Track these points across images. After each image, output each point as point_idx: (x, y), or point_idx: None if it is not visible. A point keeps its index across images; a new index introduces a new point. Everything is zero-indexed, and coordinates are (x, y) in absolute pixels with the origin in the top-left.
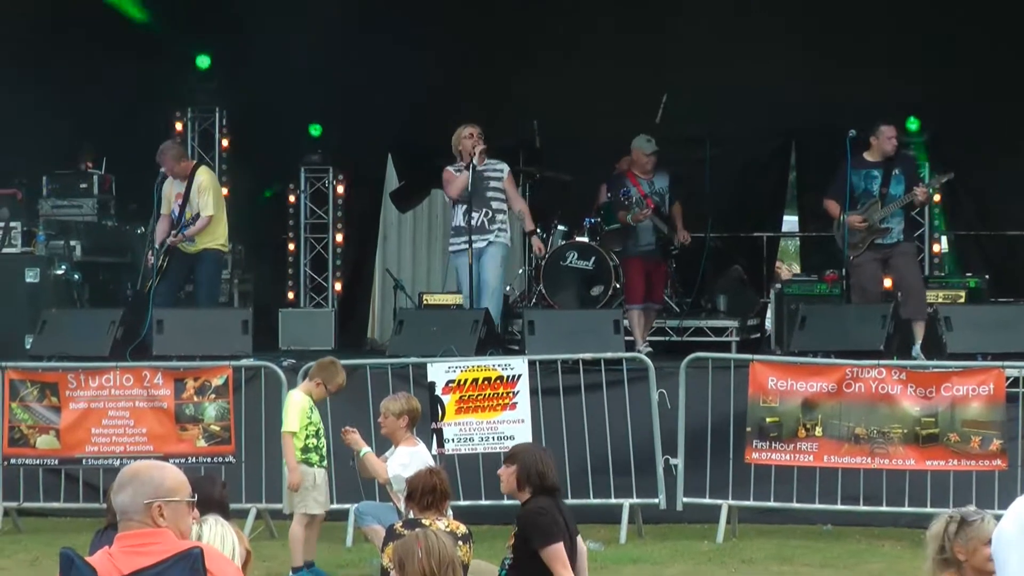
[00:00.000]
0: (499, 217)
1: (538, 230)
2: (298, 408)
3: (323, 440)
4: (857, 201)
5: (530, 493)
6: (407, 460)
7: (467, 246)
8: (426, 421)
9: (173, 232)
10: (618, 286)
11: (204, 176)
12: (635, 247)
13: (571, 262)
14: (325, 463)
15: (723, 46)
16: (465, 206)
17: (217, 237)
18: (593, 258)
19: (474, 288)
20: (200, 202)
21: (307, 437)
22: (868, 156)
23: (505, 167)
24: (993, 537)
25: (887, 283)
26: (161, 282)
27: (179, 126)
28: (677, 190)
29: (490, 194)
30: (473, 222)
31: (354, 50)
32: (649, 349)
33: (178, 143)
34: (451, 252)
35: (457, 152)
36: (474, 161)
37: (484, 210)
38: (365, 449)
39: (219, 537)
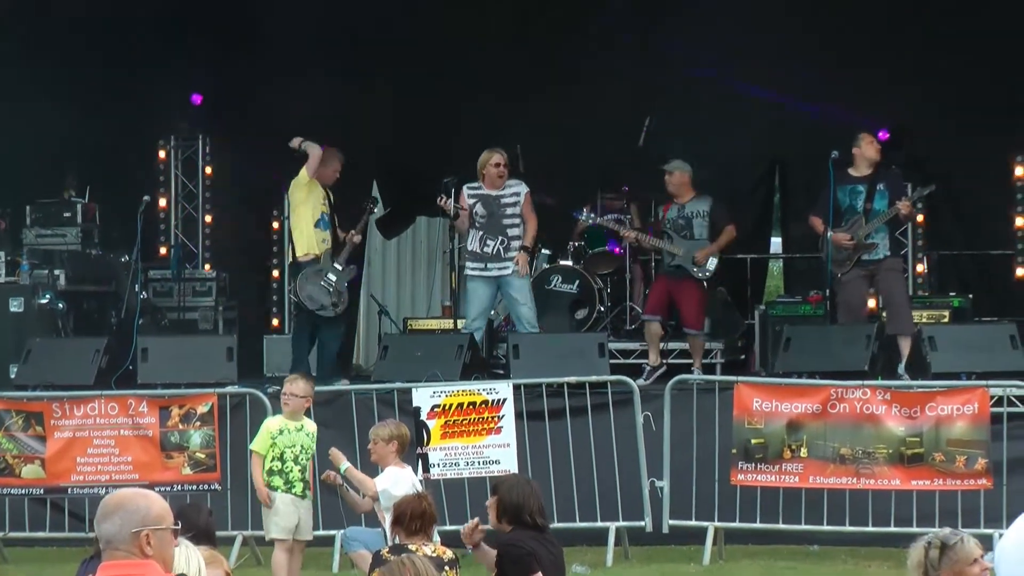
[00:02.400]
0: (515, 244)
1: (531, 250)
2: (264, 429)
3: (290, 465)
4: (842, 217)
5: (508, 525)
6: (393, 479)
7: (483, 272)
8: (411, 446)
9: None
10: (602, 309)
11: None
12: (662, 266)
13: (555, 286)
14: (295, 490)
15: (706, 69)
16: (481, 232)
17: None
18: (577, 281)
19: (490, 315)
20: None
21: (271, 460)
22: (852, 171)
23: (523, 189)
24: (995, 556)
25: (871, 303)
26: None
27: (162, 154)
28: (721, 213)
29: (506, 221)
30: (488, 250)
31: (338, 76)
32: (660, 365)
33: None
34: (467, 275)
35: (480, 175)
36: (488, 190)
37: (500, 238)
38: (346, 464)
39: (184, 559)
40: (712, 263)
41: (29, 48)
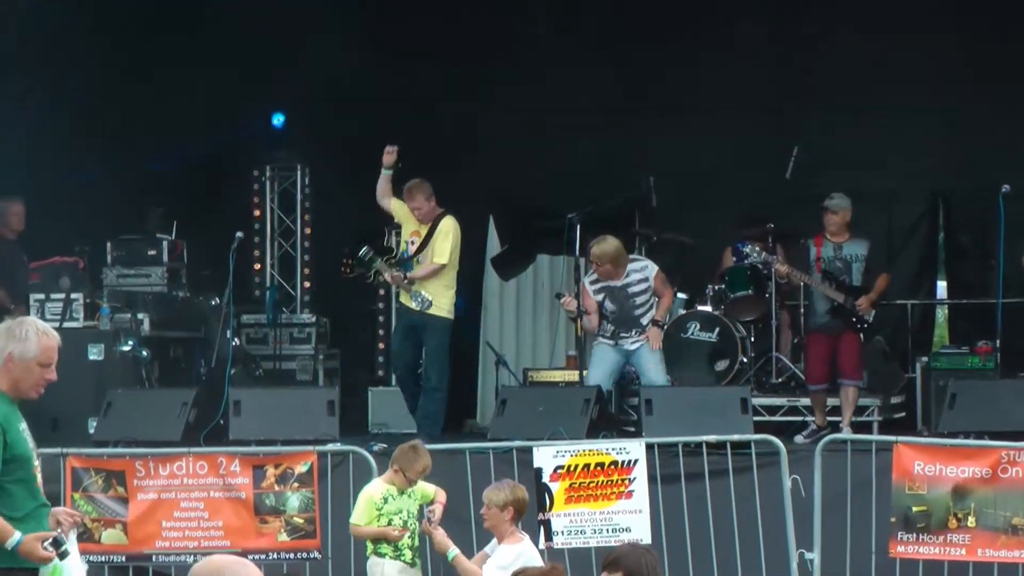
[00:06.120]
0: (648, 326)
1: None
2: (365, 500)
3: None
4: None
5: None
6: (508, 561)
7: (614, 343)
8: (532, 512)
9: (397, 270)
10: (745, 360)
11: (451, 224)
12: (812, 319)
13: (692, 334)
14: (403, 557)
15: (857, 95)
16: (613, 328)
17: (443, 304)
18: (717, 329)
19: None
20: (436, 247)
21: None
22: None
23: (651, 272)
24: None
25: None
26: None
27: (257, 186)
28: (878, 259)
29: (638, 311)
30: (622, 343)
31: (445, 104)
32: (826, 427)
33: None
34: (596, 343)
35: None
36: (611, 282)
37: (633, 330)
38: (454, 552)
39: None
40: (872, 313)
41: (108, 73)
